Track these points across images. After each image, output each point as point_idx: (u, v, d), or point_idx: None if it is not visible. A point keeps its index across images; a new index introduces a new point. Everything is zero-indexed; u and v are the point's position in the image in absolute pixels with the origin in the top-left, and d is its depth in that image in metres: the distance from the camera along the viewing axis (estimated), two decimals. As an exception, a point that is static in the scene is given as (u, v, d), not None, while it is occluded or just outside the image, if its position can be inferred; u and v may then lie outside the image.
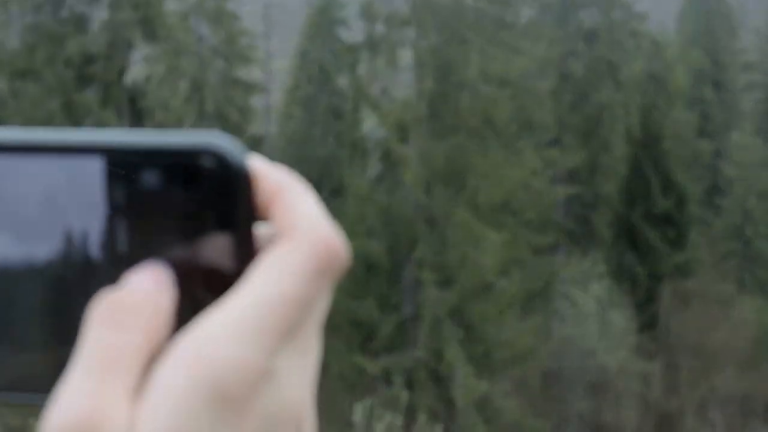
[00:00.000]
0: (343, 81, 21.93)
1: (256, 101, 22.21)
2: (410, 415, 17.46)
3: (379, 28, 19.90)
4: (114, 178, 0.44)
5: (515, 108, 20.04)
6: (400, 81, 20.17)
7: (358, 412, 17.31)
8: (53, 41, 19.69)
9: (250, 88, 21.42)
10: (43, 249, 0.45)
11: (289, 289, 0.42)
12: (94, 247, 0.45)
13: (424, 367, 17.79)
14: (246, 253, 0.44)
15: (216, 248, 0.44)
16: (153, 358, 0.42)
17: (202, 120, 19.87)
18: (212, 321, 0.42)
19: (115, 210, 0.44)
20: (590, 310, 19.56)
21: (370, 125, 20.42)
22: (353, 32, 21.39)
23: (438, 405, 17.66)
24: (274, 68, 22.91)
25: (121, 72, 19.97)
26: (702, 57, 28.18)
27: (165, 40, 19.97)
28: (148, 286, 0.43)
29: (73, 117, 19.09)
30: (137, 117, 19.82)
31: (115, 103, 19.83)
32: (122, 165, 0.44)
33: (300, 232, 0.43)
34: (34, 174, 0.45)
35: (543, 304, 20.12)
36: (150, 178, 0.44)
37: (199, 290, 0.44)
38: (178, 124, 19.35)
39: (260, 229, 0.45)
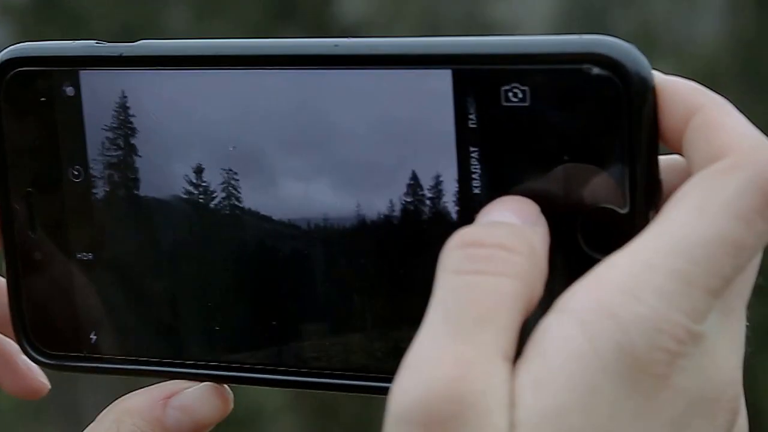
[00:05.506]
0: (621, 23, 16.86)
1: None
2: None
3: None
4: (468, 95, 0.34)
5: None
6: (700, 25, 15.18)
7: None
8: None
9: (495, 29, 16.57)
10: (379, 184, 0.36)
11: (728, 230, 0.30)
12: (443, 181, 0.35)
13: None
14: (649, 188, 0.33)
15: (605, 181, 0.33)
16: (528, 313, 0.31)
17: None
18: (619, 268, 0.30)
19: (468, 135, 0.34)
20: None
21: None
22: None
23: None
24: (530, 6, 18.26)
25: (329, 4, 15.53)
26: None
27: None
28: (515, 222, 0.33)
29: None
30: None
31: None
32: (479, 78, 0.34)
33: (738, 158, 0.31)
34: (364, 93, 0.35)
35: None
36: (517, 95, 0.34)
37: (578, 233, 0.34)
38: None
39: (664, 160, 0.33)
